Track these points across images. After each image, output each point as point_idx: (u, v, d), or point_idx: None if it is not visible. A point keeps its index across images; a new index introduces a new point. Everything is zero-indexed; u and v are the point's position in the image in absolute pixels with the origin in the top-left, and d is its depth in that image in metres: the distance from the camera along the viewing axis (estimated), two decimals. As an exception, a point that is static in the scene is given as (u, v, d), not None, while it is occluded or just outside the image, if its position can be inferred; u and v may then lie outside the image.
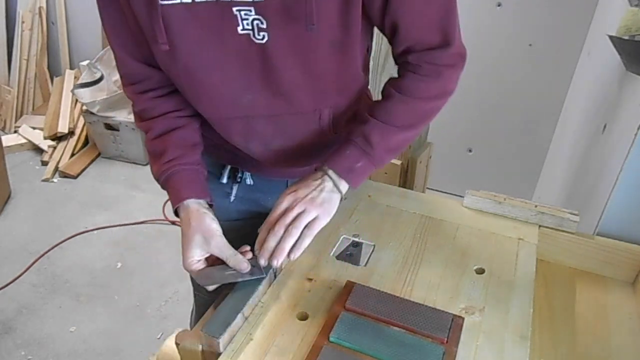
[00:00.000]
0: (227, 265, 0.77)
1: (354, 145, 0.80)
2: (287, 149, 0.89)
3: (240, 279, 0.77)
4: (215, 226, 0.78)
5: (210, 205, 0.84)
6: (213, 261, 0.80)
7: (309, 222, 0.76)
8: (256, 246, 0.77)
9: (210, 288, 0.79)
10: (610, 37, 1.06)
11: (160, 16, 0.70)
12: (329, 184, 0.79)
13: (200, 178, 0.85)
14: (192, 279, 1.20)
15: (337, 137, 0.92)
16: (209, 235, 0.77)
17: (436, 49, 0.77)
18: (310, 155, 0.92)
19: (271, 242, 0.75)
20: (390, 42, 0.82)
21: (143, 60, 0.81)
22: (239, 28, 0.72)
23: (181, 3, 0.70)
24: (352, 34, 0.75)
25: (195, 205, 0.80)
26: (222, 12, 0.71)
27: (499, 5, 2.20)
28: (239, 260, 0.77)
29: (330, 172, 0.79)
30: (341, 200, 0.80)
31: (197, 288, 1.19)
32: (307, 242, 0.76)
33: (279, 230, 0.75)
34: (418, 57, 0.78)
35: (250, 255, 0.79)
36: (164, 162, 0.83)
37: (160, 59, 0.78)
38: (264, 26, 0.71)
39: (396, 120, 0.80)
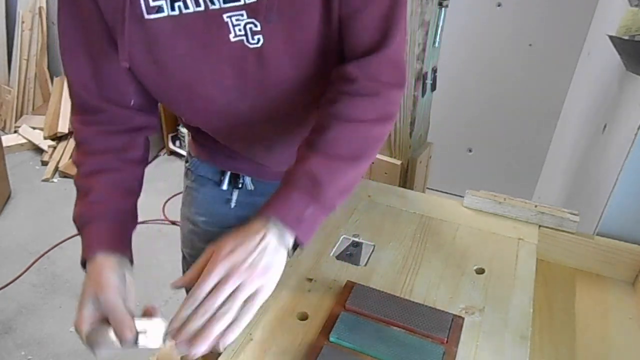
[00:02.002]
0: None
1: (299, 189, 0.66)
2: (290, 149, 0.87)
3: (127, 347, 0.64)
4: (110, 279, 0.68)
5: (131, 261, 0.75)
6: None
7: (248, 297, 0.61)
8: (173, 323, 0.63)
9: (101, 355, 0.67)
10: (610, 37, 1.06)
11: (125, 32, 0.66)
12: (272, 240, 0.64)
13: (120, 231, 0.77)
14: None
15: None
16: (99, 289, 0.67)
17: (372, 52, 0.71)
18: None
19: (194, 324, 0.60)
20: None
21: (99, 93, 0.75)
22: (231, 35, 0.69)
23: (168, 16, 0.67)
24: (333, 27, 0.73)
25: (102, 258, 0.71)
26: (211, 21, 0.68)
27: (499, 5, 2.20)
28: (123, 327, 0.64)
29: (275, 222, 0.65)
30: (288, 256, 0.67)
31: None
32: (245, 321, 0.61)
33: (208, 311, 0.60)
34: (354, 68, 0.71)
35: (155, 318, 0.68)
36: (84, 203, 0.75)
37: (152, 79, 0.74)
38: (258, 29, 0.69)
39: (343, 151, 0.69)
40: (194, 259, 1.11)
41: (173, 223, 2.44)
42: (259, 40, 0.70)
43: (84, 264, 0.73)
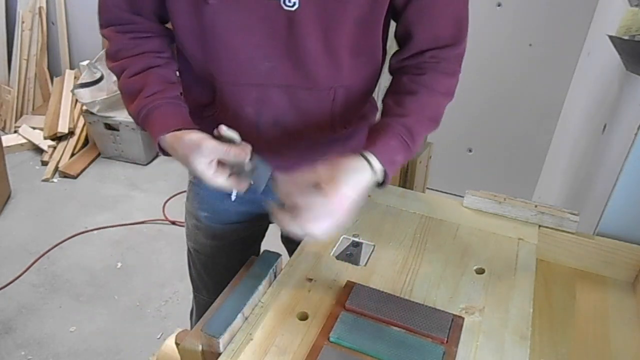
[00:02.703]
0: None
1: (398, 138, 0.77)
2: (296, 129, 0.88)
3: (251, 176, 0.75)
4: (196, 135, 0.74)
5: None
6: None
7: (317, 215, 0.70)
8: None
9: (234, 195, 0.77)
10: (610, 37, 1.06)
11: None
12: (365, 173, 0.74)
13: (183, 111, 0.82)
14: (192, 279, 1.20)
15: (343, 136, 0.92)
16: (195, 145, 0.73)
17: (449, 46, 0.81)
18: (316, 146, 0.91)
19: (289, 205, 0.71)
20: (402, 43, 0.84)
21: (131, 9, 0.81)
22: None
23: None
24: (377, 12, 0.77)
25: (187, 131, 0.76)
26: None
27: (499, 5, 2.20)
28: (238, 149, 0.73)
29: (374, 160, 0.75)
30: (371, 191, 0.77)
31: (197, 289, 1.19)
32: (315, 224, 0.70)
33: (298, 201, 0.70)
34: (439, 52, 0.81)
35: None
36: (145, 97, 0.79)
37: (183, 16, 0.78)
38: None
39: (429, 114, 0.82)
40: (198, 253, 1.12)
41: (173, 223, 2.44)
42: (294, 4, 0.73)
43: (161, 149, 0.79)
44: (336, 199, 0.70)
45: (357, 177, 0.73)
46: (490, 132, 2.47)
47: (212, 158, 0.73)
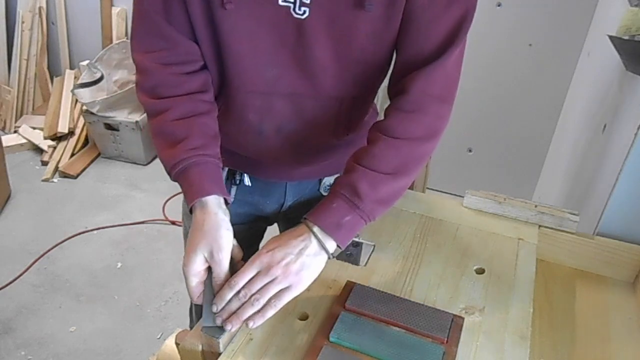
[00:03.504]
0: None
1: (340, 198, 0.72)
2: (299, 137, 0.87)
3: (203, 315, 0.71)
4: (225, 240, 0.72)
5: (226, 204, 0.78)
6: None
7: (278, 292, 0.68)
8: (215, 298, 0.70)
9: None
10: (610, 37, 1.06)
11: None
12: (313, 245, 0.70)
13: (221, 174, 0.78)
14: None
15: (345, 142, 0.91)
16: (217, 247, 0.71)
17: (430, 62, 0.74)
18: (318, 152, 0.91)
19: (233, 305, 0.68)
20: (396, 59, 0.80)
21: (165, 15, 0.74)
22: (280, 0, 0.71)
23: None
24: (391, 28, 0.74)
25: (215, 206, 0.73)
26: None
27: (499, 5, 2.20)
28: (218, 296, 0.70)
29: (315, 228, 0.71)
30: (328, 259, 0.72)
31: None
32: (270, 313, 0.68)
33: (242, 297, 0.68)
34: (408, 80, 0.75)
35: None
36: (187, 149, 0.75)
37: (196, 20, 0.75)
38: (307, 1, 0.71)
39: (384, 167, 0.73)
40: None
41: (173, 223, 2.44)
42: (305, 12, 0.71)
43: (190, 209, 0.75)
44: (288, 278, 0.68)
45: (304, 252, 0.70)
46: (490, 132, 2.47)
47: (206, 268, 0.72)
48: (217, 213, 0.73)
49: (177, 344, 0.74)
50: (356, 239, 0.90)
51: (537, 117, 2.34)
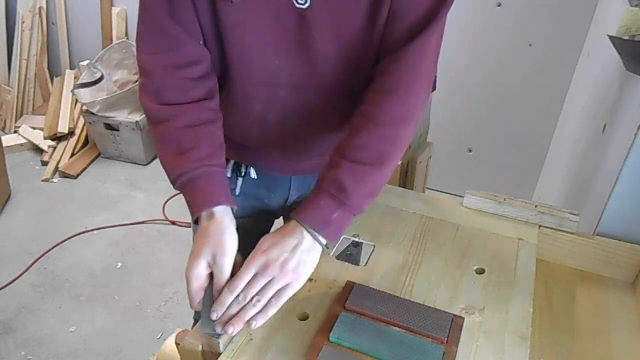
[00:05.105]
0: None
1: (327, 195, 0.73)
2: (303, 127, 0.87)
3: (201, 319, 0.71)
4: (229, 245, 0.72)
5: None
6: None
7: (278, 290, 0.69)
8: (215, 305, 0.69)
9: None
10: (610, 37, 1.06)
11: None
12: (306, 240, 0.72)
13: (227, 184, 0.78)
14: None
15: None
16: (220, 252, 0.71)
17: (408, 41, 0.73)
18: (323, 143, 0.91)
19: (233, 309, 0.68)
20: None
21: (176, 20, 0.74)
22: None
23: None
24: (382, 12, 0.74)
25: (221, 214, 0.74)
26: None
27: (499, 5, 2.20)
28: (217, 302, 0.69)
29: (306, 226, 0.72)
30: (323, 250, 0.74)
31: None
32: (272, 312, 0.69)
33: (242, 300, 0.69)
34: (387, 62, 0.75)
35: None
36: (193, 159, 0.75)
37: (201, 13, 0.74)
38: None
39: (367, 157, 0.74)
40: None
41: (173, 223, 2.44)
42: (306, 1, 0.72)
43: (196, 220, 0.75)
44: (286, 276, 0.70)
45: (298, 248, 0.71)
46: (490, 132, 2.47)
47: (208, 273, 0.72)
48: (223, 220, 0.73)
49: (177, 344, 0.74)
50: (356, 239, 0.90)
51: (537, 117, 2.34)
